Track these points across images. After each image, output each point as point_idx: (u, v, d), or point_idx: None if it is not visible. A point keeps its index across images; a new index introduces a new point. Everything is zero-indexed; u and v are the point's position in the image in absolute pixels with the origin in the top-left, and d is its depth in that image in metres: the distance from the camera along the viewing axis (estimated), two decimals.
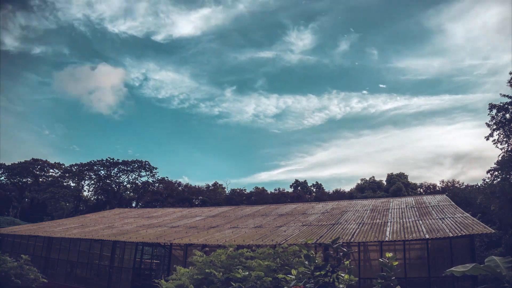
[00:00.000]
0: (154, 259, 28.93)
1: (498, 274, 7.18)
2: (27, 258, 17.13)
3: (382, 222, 17.89)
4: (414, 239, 14.41)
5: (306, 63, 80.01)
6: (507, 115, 25.96)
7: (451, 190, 41.59)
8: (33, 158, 62.76)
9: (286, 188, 62.58)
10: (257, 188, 56.51)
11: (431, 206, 20.51)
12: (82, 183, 62.22)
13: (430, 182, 52.13)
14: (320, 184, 61.76)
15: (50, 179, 61.62)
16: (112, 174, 61.56)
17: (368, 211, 21.53)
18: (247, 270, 8.78)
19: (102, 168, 61.27)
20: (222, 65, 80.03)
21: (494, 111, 26.41)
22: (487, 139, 26.74)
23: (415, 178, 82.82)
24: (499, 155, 26.16)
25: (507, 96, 25.73)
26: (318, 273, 5.89)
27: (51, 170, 64.41)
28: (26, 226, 32.09)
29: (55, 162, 64.52)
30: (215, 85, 78.95)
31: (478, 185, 38.06)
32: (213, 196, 55.25)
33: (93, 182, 61.81)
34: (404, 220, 17.80)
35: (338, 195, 51.06)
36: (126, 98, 78.54)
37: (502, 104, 26.07)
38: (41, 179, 63.13)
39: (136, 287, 20.90)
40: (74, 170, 61.27)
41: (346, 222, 19.11)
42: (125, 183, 62.86)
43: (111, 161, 60.92)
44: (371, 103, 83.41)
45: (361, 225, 17.96)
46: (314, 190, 60.13)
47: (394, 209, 21.17)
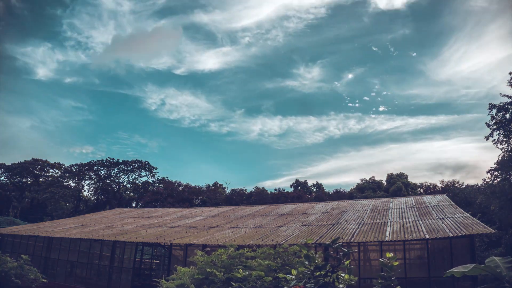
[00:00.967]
0: (154, 259, 28.93)
1: (498, 274, 7.18)
2: (27, 258, 17.14)
3: (382, 222, 17.89)
4: (414, 239, 14.41)
5: (310, 91, 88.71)
6: (507, 115, 25.95)
7: (451, 190, 41.58)
8: (33, 158, 62.77)
9: (286, 188, 62.65)
10: (257, 188, 56.44)
11: (431, 206, 20.51)
12: (82, 183, 62.23)
13: (430, 182, 52.17)
14: (320, 184, 61.75)
15: (50, 179, 61.62)
16: (112, 174, 61.56)
17: (368, 211, 21.53)
18: (248, 270, 8.79)
19: (102, 168, 61.26)
20: (234, 93, 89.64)
21: (494, 111, 26.40)
22: (487, 139, 26.72)
23: (415, 178, 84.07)
24: (499, 155, 26.17)
25: (507, 96, 25.72)
26: (318, 273, 5.90)
27: (51, 170, 64.43)
28: (26, 226, 32.10)
29: (55, 162, 64.52)
30: (226, 108, 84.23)
31: (478, 185, 38.12)
32: (213, 196, 55.22)
33: (93, 182, 61.81)
34: (404, 220, 17.80)
35: (338, 195, 51.04)
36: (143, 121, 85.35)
37: (502, 104, 26.05)
38: (41, 179, 63.12)
39: (136, 287, 20.90)
40: (74, 170, 61.26)
41: (346, 222, 19.12)
42: (125, 183, 62.91)
43: (111, 161, 60.93)
44: (369, 124, 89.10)
45: (361, 225, 17.97)
46: (314, 190, 60.10)
47: (394, 209, 21.18)
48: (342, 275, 5.96)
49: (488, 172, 27.13)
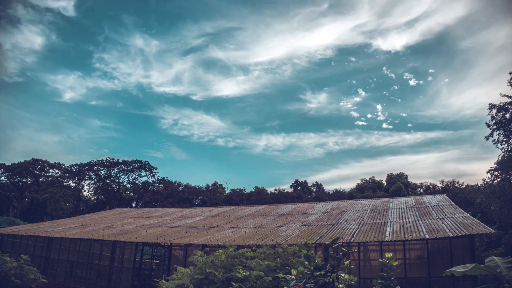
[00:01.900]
0: (154, 259, 28.93)
1: (498, 274, 7.19)
2: (27, 258, 17.13)
3: (382, 222, 17.89)
4: (414, 239, 14.41)
5: (316, 112, 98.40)
6: (507, 115, 25.95)
7: (451, 190, 41.56)
8: (33, 158, 62.73)
9: (286, 188, 62.64)
10: (257, 188, 56.36)
11: (431, 206, 20.51)
12: (82, 183, 62.24)
13: (430, 182, 52.14)
14: (320, 184, 61.70)
15: (50, 179, 61.61)
16: (112, 174, 61.56)
17: (368, 211, 21.53)
18: (247, 270, 8.79)
19: (102, 168, 61.27)
20: (243, 114, 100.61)
21: (494, 111, 26.40)
22: (487, 139, 26.74)
23: (415, 178, 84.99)
24: (499, 155, 26.17)
25: (507, 96, 25.72)
26: (318, 273, 5.90)
27: (51, 170, 64.38)
28: (26, 226, 32.10)
29: (55, 162, 64.47)
30: (234, 126, 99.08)
31: (478, 185, 38.13)
32: (213, 196, 55.19)
33: (93, 182, 61.83)
34: (404, 220, 17.80)
35: (338, 195, 51.02)
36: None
37: (502, 104, 26.05)
38: (41, 179, 63.11)
39: (136, 287, 20.90)
40: (74, 170, 61.27)
41: (346, 222, 19.12)
42: (125, 183, 62.91)
43: (111, 161, 60.93)
44: (366, 140, 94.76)
45: (361, 225, 17.96)
46: (314, 190, 60.05)
47: (394, 209, 21.18)
48: (342, 275, 5.96)
49: (488, 172, 27.15)
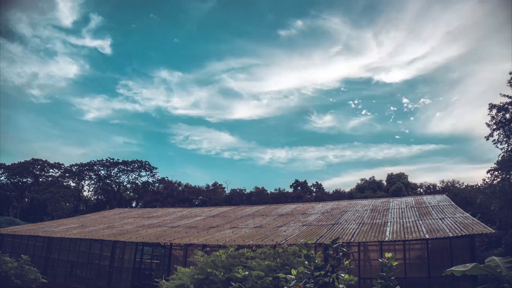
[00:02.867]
0: (154, 259, 28.91)
1: (498, 274, 7.19)
2: (27, 258, 17.16)
3: (382, 222, 17.89)
4: (414, 239, 14.41)
5: (320, 131, 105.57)
6: (507, 115, 25.93)
7: (451, 190, 41.56)
8: (33, 158, 62.74)
9: (286, 188, 62.61)
10: (257, 188, 56.33)
11: (431, 206, 20.51)
12: (82, 183, 62.23)
13: (430, 182, 52.09)
14: (320, 184, 61.68)
15: (50, 179, 61.60)
16: (112, 174, 61.55)
17: (368, 211, 21.53)
18: (248, 270, 8.79)
19: (102, 168, 61.25)
20: (251, 133, 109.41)
21: (494, 111, 26.38)
22: (487, 139, 26.72)
23: (415, 178, 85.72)
24: (499, 155, 26.14)
25: (507, 96, 25.71)
26: (318, 273, 5.90)
27: (51, 170, 64.38)
28: (26, 226, 32.10)
29: (55, 162, 64.48)
30: (243, 141, 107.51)
31: (478, 185, 38.08)
32: (213, 196, 55.18)
33: (93, 182, 61.81)
34: (404, 220, 17.80)
35: (338, 195, 50.99)
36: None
37: (502, 104, 26.03)
38: (41, 179, 63.09)
39: (136, 287, 20.90)
40: (74, 170, 61.26)
41: (346, 222, 19.12)
42: (125, 183, 62.91)
43: (111, 161, 60.90)
44: (364, 154, 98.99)
45: (361, 225, 17.97)
46: (314, 190, 60.03)
47: (394, 209, 21.18)
48: (342, 275, 5.96)
49: (488, 172, 27.12)
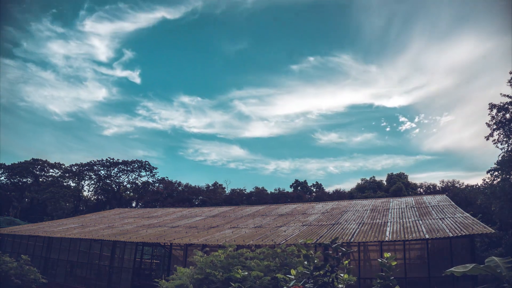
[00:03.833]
0: (154, 259, 28.91)
1: (498, 274, 7.18)
2: (27, 258, 17.15)
3: (382, 222, 17.88)
4: (414, 239, 14.40)
5: (323, 145, 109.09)
6: (507, 115, 25.93)
7: (451, 190, 41.55)
8: (33, 158, 62.80)
9: (286, 188, 62.60)
10: (257, 188, 56.35)
11: (431, 206, 20.50)
12: (82, 183, 62.27)
13: (430, 182, 52.07)
14: (320, 184, 61.68)
15: (50, 179, 61.62)
16: (112, 174, 61.58)
17: (368, 211, 21.52)
18: (247, 270, 8.79)
19: (102, 168, 61.29)
20: (261, 148, 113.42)
21: (494, 111, 26.37)
22: (487, 139, 26.70)
23: (415, 178, 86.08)
24: (499, 155, 26.14)
25: (507, 96, 25.70)
26: (317, 273, 5.89)
27: (51, 170, 64.42)
28: (26, 226, 32.10)
29: (55, 162, 64.53)
30: (249, 153, 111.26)
31: (478, 185, 38.05)
32: (213, 196, 55.17)
33: (93, 182, 61.85)
34: (404, 220, 17.79)
35: (338, 195, 50.97)
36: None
37: (502, 104, 26.02)
38: (41, 179, 63.11)
39: (136, 287, 20.89)
40: (74, 170, 61.29)
41: (346, 222, 19.11)
42: (125, 183, 62.92)
43: (111, 161, 60.92)
44: (363, 165, 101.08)
45: (361, 225, 17.96)
46: (314, 190, 60.02)
47: (394, 209, 21.17)
48: (341, 275, 5.96)
49: (488, 172, 27.10)
